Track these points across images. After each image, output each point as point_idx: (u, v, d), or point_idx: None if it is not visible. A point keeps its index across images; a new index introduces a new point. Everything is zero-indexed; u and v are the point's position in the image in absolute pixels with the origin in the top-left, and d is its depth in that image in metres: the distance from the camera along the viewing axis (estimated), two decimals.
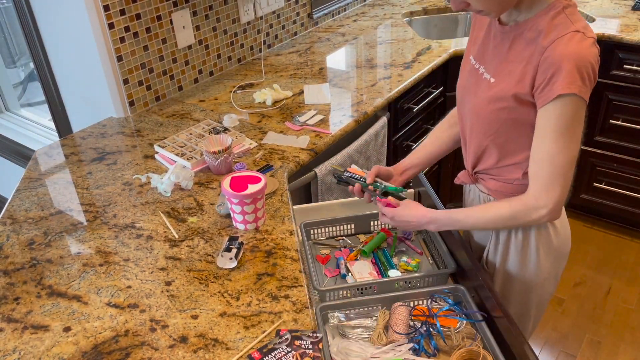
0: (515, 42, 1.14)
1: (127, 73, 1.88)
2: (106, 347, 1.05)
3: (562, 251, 1.33)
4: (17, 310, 1.14)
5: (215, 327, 1.08)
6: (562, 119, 1.07)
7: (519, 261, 1.32)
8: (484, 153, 1.27)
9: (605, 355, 2.17)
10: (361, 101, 1.94)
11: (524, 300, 1.38)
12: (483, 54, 1.23)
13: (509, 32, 1.16)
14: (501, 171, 1.26)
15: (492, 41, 1.21)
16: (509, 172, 1.25)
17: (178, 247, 1.30)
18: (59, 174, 1.61)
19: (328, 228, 1.53)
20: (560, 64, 1.04)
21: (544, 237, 1.28)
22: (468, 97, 1.27)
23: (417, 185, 1.63)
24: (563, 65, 1.03)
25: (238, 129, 1.80)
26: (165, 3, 1.92)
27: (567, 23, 1.06)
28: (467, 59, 1.30)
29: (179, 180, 1.49)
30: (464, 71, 1.31)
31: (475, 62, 1.25)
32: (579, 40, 1.04)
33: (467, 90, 1.27)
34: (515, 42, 1.14)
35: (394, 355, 1.15)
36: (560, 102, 1.06)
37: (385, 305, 1.27)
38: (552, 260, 1.32)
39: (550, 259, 1.32)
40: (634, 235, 2.75)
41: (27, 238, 1.35)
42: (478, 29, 1.28)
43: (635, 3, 2.66)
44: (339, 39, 2.55)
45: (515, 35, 1.14)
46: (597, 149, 2.61)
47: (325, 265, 1.43)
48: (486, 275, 1.26)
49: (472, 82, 1.25)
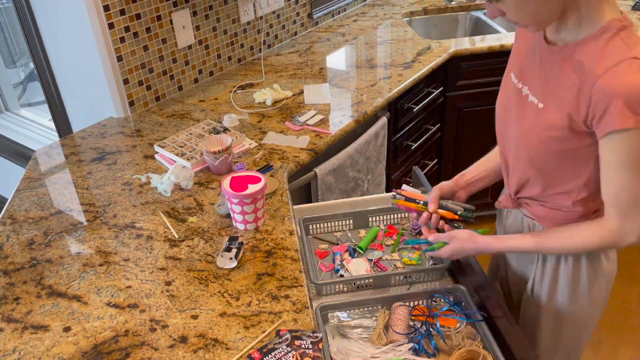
0: (565, 65, 1.03)
1: (127, 73, 1.88)
2: (106, 347, 1.05)
3: (611, 275, 1.25)
4: (17, 310, 1.14)
5: (215, 327, 1.08)
6: (630, 154, 0.99)
7: (570, 291, 1.23)
8: (529, 181, 1.18)
9: (605, 355, 2.17)
10: (361, 101, 1.94)
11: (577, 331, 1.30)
12: (527, 73, 1.13)
13: (557, 53, 1.05)
14: (549, 198, 1.18)
15: (538, 60, 1.10)
16: (557, 199, 1.17)
17: (178, 247, 1.30)
18: (59, 174, 1.61)
19: (327, 223, 1.53)
20: (612, 98, 0.94)
21: (595, 261, 1.21)
22: (511, 120, 1.17)
23: (417, 185, 1.63)
24: (616, 100, 0.94)
25: (238, 129, 1.80)
26: (165, 3, 1.92)
27: (623, 49, 0.96)
28: (509, 75, 1.20)
29: (179, 180, 1.49)
30: (505, 88, 1.21)
31: (517, 82, 1.15)
32: (637, 70, 0.93)
33: (510, 112, 1.17)
34: (565, 66, 1.03)
35: (394, 355, 1.15)
36: (618, 137, 0.97)
37: (385, 305, 1.27)
38: (602, 286, 1.25)
39: (601, 284, 1.24)
40: None
41: (27, 238, 1.35)
42: (521, 42, 1.18)
43: (635, 3, 2.66)
44: (339, 39, 2.55)
45: (564, 57, 1.03)
46: None
47: (321, 260, 1.44)
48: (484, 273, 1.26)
49: (515, 103, 1.15)
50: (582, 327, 1.30)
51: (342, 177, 1.83)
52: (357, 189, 1.95)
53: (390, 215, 1.54)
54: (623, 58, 0.94)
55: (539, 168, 1.13)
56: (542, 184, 1.16)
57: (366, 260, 1.41)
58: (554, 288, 1.25)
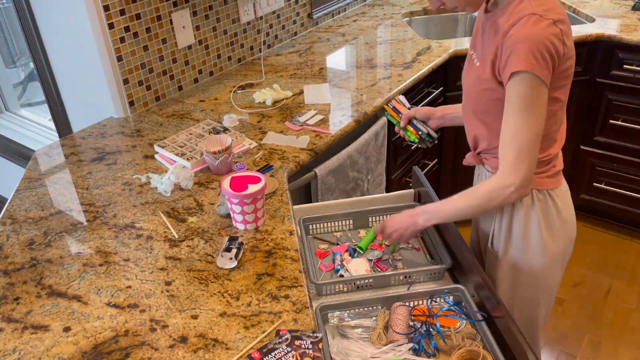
0: (491, 28, 1.22)
1: (127, 73, 1.88)
2: (106, 347, 1.05)
3: (566, 233, 1.35)
4: (17, 310, 1.14)
5: (215, 327, 1.08)
6: (520, 97, 1.13)
7: (522, 243, 1.33)
8: (479, 134, 1.32)
9: (605, 355, 2.17)
10: (361, 101, 1.94)
11: (531, 285, 1.38)
12: (475, 41, 1.32)
13: (488, 19, 1.24)
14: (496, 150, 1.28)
15: (480, 28, 1.29)
16: None
17: (178, 247, 1.30)
18: (59, 174, 1.61)
19: (327, 223, 1.54)
20: (514, 45, 1.11)
21: (545, 215, 1.30)
22: (463, 82, 1.35)
23: (417, 185, 1.63)
24: (517, 46, 1.11)
25: (238, 129, 1.80)
26: (165, 3, 1.92)
27: (527, 8, 1.13)
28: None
29: (179, 180, 1.49)
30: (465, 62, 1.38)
31: (471, 50, 1.34)
32: (534, 22, 1.11)
33: (463, 76, 1.36)
34: (491, 28, 1.22)
35: (394, 355, 1.15)
36: (516, 81, 1.13)
37: (385, 305, 1.27)
38: (556, 242, 1.33)
39: (555, 240, 1.33)
40: (634, 235, 2.75)
41: (27, 238, 1.35)
42: (477, 20, 1.36)
43: (635, 3, 2.66)
44: (339, 39, 2.55)
45: (491, 22, 1.22)
46: (597, 149, 2.61)
47: (321, 260, 1.44)
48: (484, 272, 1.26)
49: (467, 68, 1.34)
50: (537, 282, 1.38)
51: (342, 177, 1.83)
52: (357, 189, 1.95)
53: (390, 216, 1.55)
54: (524, 15, 1.12)
55: (482, 121, 1.29)
56: (487, 137, 1.30)
57: (366, 260, 1.42)
58: (509, 241, 1.35)
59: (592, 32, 2.39)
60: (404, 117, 1.54)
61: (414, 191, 1.62)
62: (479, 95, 1.26)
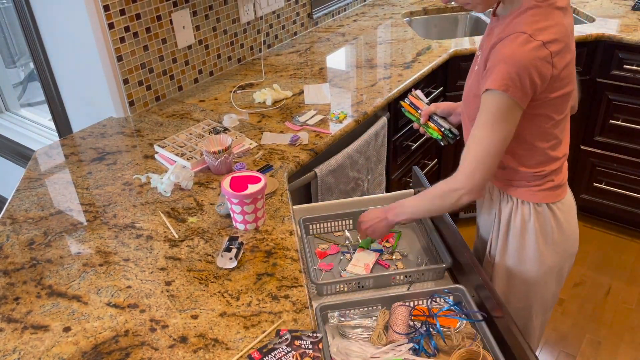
0: (491, 34, 1.20)
1: (127, 73, 1.88)
2: (106, 347, 1.05)
3: (565, 248, 1.33)
4: (17, 310, 1.14)
5: (215, 327, 1.08)
6: (489, 112, 1.13)
7: (518, 254, 1.33)
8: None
9: (605, 355, 2.17)
10: (361, 101, 1.94)
11: (524, 296, 1.38)
12: (482, 43, 1.30)
13: (492, 24, 1.22)
14: None
15: (487, 31, 1.28)
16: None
17: (178, 247, 1.30)
18: (59, 174, 1.61)
19: (327, 223, 1.54)
20: (496, 62, 1.10)
21: (543, 228, 1.29)
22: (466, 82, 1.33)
23: (417, 185, 1.63)
24: (498, 64, 1.09)
25: (238, 129, 1.80)
26: (165, 3, 1.92)
27: (521, 24, 1.10)
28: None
29: (179, 180, 1.49)
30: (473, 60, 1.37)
31: (478, 51, 1.30)
32: (521, 43, 1.07)
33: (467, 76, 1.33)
34: (491, 35, 1.21)
35: (394, 355, 1.15)
36: (489, 97, 1.12)
37: (385, 305, 1.27)
38: (553, 255, 1.32)
39: (552, 253, 1.32)
40: (634, 235, 2.75)
41: (27, 238, 1.35)
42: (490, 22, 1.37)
43: (635, 3, 2.66)
44: (339, 39, 2.55)
45: (494, 29, 1.20)
46: (597, 149, 2.61)
47: (321, 260, 1.44)
48: (483, 272, 1.26)
49: (471, 68, 1.31)
50: (531, 293, 1.38)
51: (342, 177, 1.83)
52: (357, 189, 1.95)
53: None
54: (514, 31, 1.09)
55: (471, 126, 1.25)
56: None
57: (373, 254, 1.42)
58: (505, 250, 1.36)
59: (592, 32, 2.39)
60: (424, 113, 1.48)
61: (414, 191, 1.62)
62: (471, 100, 1.25)
